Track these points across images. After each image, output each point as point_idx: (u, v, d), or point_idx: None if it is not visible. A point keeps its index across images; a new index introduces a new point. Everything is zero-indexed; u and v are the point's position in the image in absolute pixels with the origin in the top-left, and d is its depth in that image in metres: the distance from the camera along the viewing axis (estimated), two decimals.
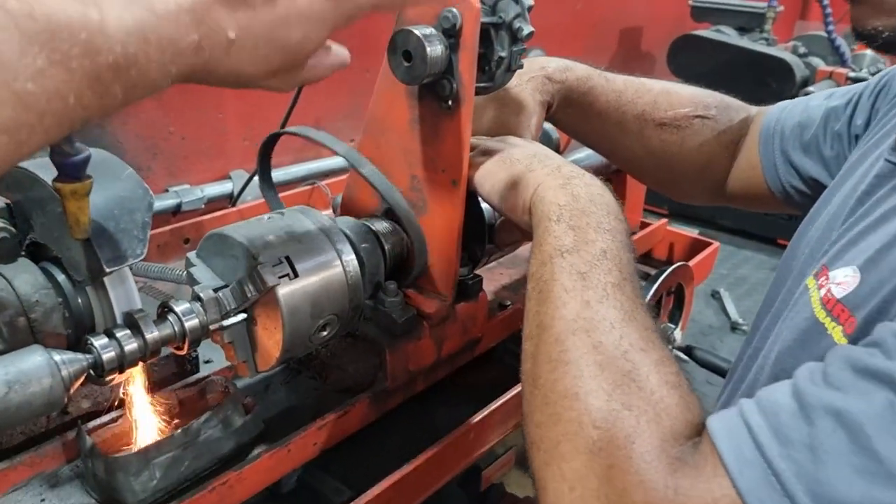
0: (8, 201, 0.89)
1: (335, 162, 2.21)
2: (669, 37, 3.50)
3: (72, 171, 0.75)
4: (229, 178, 1.98)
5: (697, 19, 3.57)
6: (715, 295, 2.76)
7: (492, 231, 1.15)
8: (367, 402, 1.03)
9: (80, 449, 0.91)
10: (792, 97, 3.21)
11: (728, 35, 3.31)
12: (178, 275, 1.36)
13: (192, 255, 0.93)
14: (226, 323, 0.88)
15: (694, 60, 3.26)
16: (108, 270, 0.81)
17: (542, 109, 1.18)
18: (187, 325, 0.84)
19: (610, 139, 1.27)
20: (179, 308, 0.84)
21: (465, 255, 1.14)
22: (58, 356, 0.75)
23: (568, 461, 0.61)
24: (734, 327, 2.57)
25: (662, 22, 3.76)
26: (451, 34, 0.95)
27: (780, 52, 3.13)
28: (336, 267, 0.93)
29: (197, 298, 0.86)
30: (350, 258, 0.95)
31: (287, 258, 0.89)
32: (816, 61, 3.27)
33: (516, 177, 0.93)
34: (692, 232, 1.90)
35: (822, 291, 0.73)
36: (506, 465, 1.27)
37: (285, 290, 0.87)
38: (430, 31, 0.95)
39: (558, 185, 0.86)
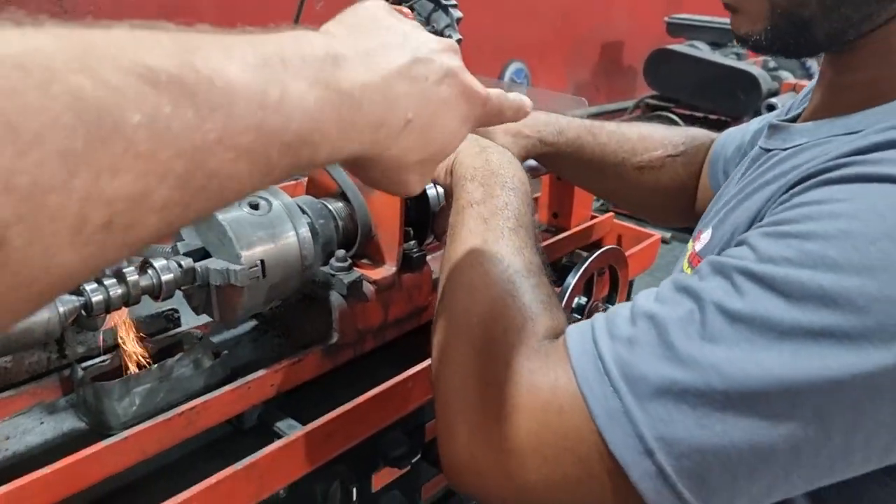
0: None
1: None
2: (649, 51, 3.68)
3: None
4: None
5: (673, 34, 3.75)
6: None
7: (435, 214, 1.33)
8: (320, 353, 1.21)
9: (73, 381, 1.09)
10: (759, 108, 3.35)
11: (700, 49, 3.49)
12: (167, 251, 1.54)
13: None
14: (199, 284, 1.06)
15: (669, 73, 3.44)
16: None
17: (519, 158, 1.35)
18: (163, 278, 1.03)
19: (595, 181, 1.48)
20: (158, 264, 1.03)
21: (410, 232, 1.32)
22: None
23: (455, 350, 0.80)
24: None
25: (642, 37, 3.95)
26: None
27: (748, 66, 3.30)
28: (292, 240, 1.11)
29: (173, 257, 1.05)
30: (304, 231, 1.13)
31: (262, 262, 1.06)
32: (785, 74, 3.44)
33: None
34: (646, 228, 2.07)
35: (690, 250, 0.92)
36: None
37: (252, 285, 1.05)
38: None
39: (475, 153, 1.05)
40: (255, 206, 1.10)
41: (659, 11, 3.98)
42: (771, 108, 3.26)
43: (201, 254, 1.09)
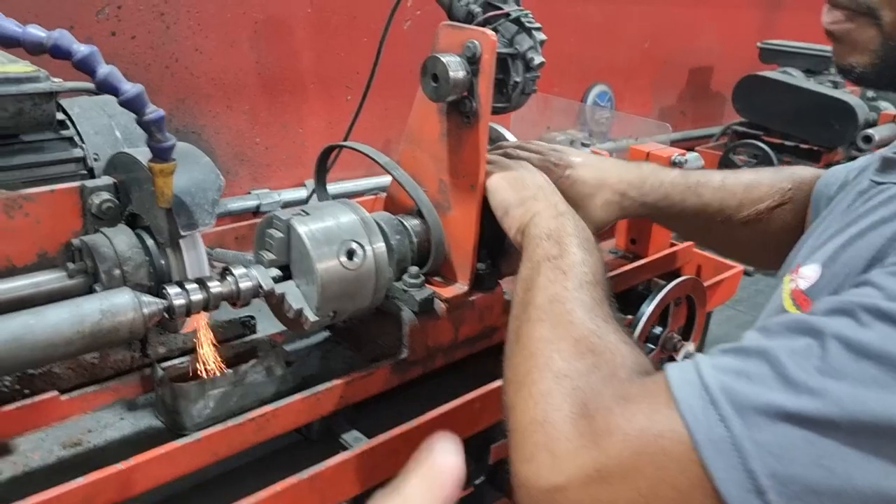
0: (114, 180, 1.13)
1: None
2: (738, 76, 3.59)
3: (162, 154, 0.98)
4: (304, 185, 2.22)
5: (765, 60, 3.65)
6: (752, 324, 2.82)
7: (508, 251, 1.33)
8: (389, 368, 1.22)
9: (153, 380, 1.13)
10: (854, 139, 3.22)
11: (794, 77, 3.38)
12: (248, 259, 1.59)
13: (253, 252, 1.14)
14: (275, 274, 1.09)
15: (760, 100, 3.34)
16: (183, 234, 1.03)
17: (601, 221, 1.33)
18: (242, 285, 1.06)
19: (699, 237, 1.47)
20: (237, 271, 1.06)
21: (484, 252, 1.32)
22: (141, 297, 0.97)
23: (536, 384, 0.77)
24: None
25: (731, 61, 3.85)
26: (473, 61, 1.14)
27: (845, 94, 3.18)
28: (369, 254, 1.13)
29: (250, 265, 1.08)
30: (379, 246, 1.14)
31: (334, 313, 1.09)
32: (884, 105, 3.30)
33: (521, 200, 1.13)
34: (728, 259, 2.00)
35: (792, 285, 0.88)
36: None
37: (300, 220, 1.08)
38: (454, 58, 1.14)
39: (551, 216, 1.06)
40: (350, 256, 1.11)
41: (749, 36, 3.88)
42: (868, 139, 3.12)
43: (286, 270, 1.12)
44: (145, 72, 1.87)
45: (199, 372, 1.16)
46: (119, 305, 0.95)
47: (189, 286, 1.02)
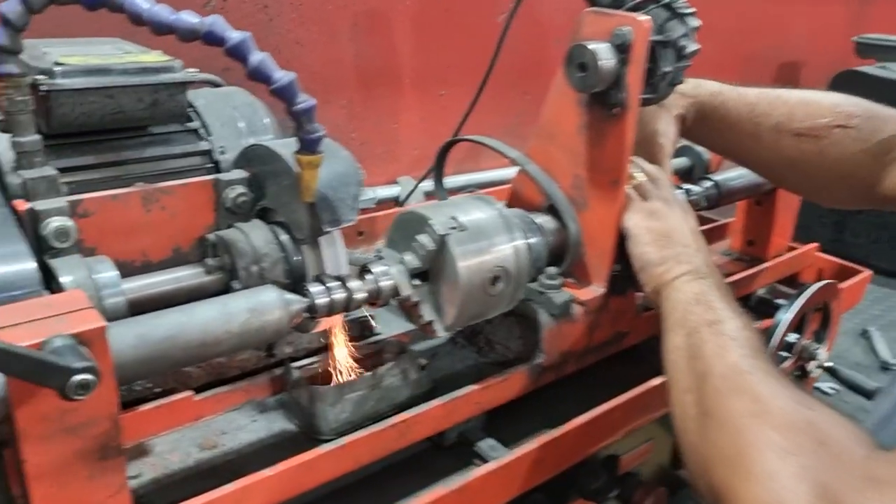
0: (247, 173, 1.09)
1: (492, 175, 2.37)
2: (830, 73, 3.43)
3: (310, 145, 0.94)
4: (397, 182, 2.17)
5: (863, 55, 3.48)
6: (864, 334, 2.68)
7: None
8: (525, 373, 1.16)
9: (286, 382, 1.09)
10: None
11: (895, 72, 3.21)
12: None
13: (380, 246, 1.08)
14: (415, 283, 1.03)
15: (858, 97, 3.18)
16: (326, 230, 0.99)
17: (677, 122, 1.29)
18: (382, 284, 1.01)
19: (745, 150, 1.34)
20: (377, 269, 1.01)
21: (618, 253, 1.25)
22: (285, 295, 0.93)
23: (756, 463, 0.70)
24: (885, 367, 2.49)
25: (823, 57, 3.69)
26: (623, 49, 1.07)
27: None
28: (509, 251, 1.07)
29: (387, 263, 1.03)
30: (522, 243, 1.08)
31: (454, 217, 1.03)
32: None
33: (663, 259, 1.07)
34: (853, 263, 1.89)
35: None
36: (644, 455, 1.35)
37: (455, 239, 1.01)
38: (603, 45, 1.07)
39: (694, 278, 1.01)
40: (495, 282, 1.06)
41: (841, 31, 3.72)
42: None
43: (425, 274, 1.06)
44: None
45: (331, 374, 1.12)
46: (265, 304, 0.91)
47: (331, 284, 0.97)
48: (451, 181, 2.33)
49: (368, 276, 1.01)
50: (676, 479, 1.49)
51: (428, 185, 2.21)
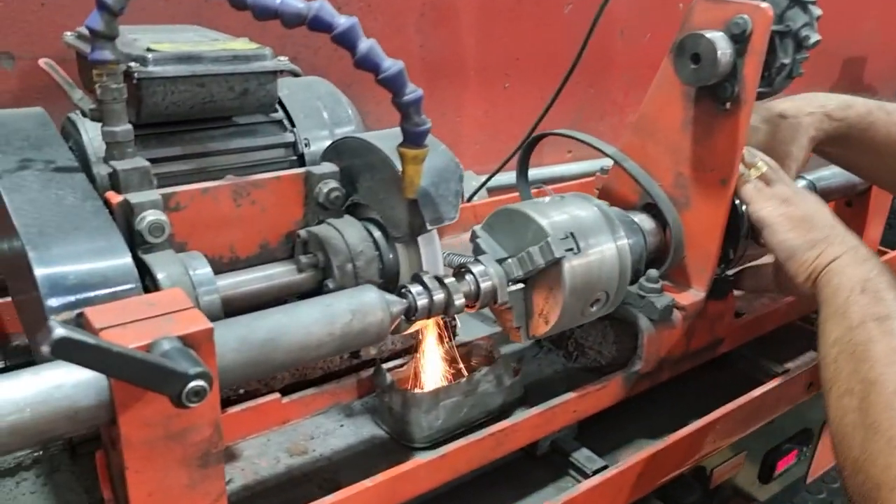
0: (338, 167, 1.04)
1: (553, 171, 2.31)
2: None
3: (416, 138, 0.89)
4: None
5: None
6: None
7: (747, 233, 1.18)
8: (621, 381, 1.10)
9: (377, 385, 1.04)
10: None
11: None
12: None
13: (478, 228, 1.03)
14: (512, 288, 0.98)
15: None
16: (429, 228, 0.94)
17: (811, 145, 1.21)
18: (482, 285, 0.95)
19: (892, 171, 1.27)
20: (476, 269, 0.96)
21: (720, 255, 1.18)
22: (387, 296, 0.88)
23: None
24: None
25: (892, 51, 3.56)
26: (740, 39, 1.01)
27: None
28: (612, 249, 1.01)
29: (484, 263, 0.97)
30: (623, 242, 1.02)
31: (572, 234, 0.97)
32: None
33: (811, 243, 0.99)
34: None
35: None
36: (737, 467, 1.28)
37: (569, 264, 0.95)
38: (719, 35, 1.01)
39: (855, 262, 0.92)
40: (593, 304, 1.01)
41: None
42: None
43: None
44: (314, 56, 1.80)
45: (418, 377, 1.07)
46: (368, 305, 0.86)
47: (431, 285, 0.92)
48: (508, 177, 2.27)
49: (468, 277, 0.95)
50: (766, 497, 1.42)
51: (492, 182, 2.16)
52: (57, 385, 0.68)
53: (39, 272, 0.78)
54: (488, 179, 1.86)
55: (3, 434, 0.66)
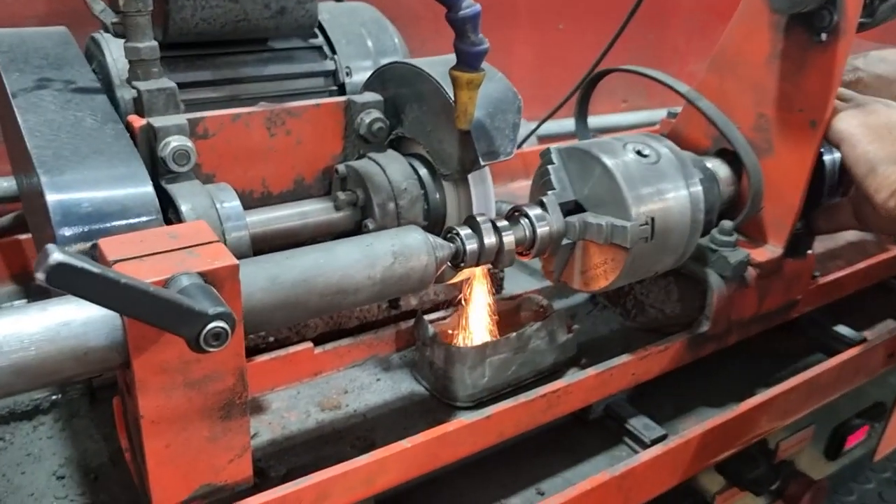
0: (382, 97, 0.94)
1: (607, 120, 2.18)
2: None
3: (472, 60, 0.78)
4: None
5: None
6: None
7: (833, 185, 1.06)
8: (685, 343, 1.00)
9: (417, 337, 0.96)
10: None
11: None
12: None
13: (554, 151, 0.90)
14: (565, 241, 0.88)
15: None
16: (482, 163, 0.84)
17: None
18: (539, 230, 0.85)
19: None
20: (532, 213, 0.85)
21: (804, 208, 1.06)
22: (432, 239, 0.79)
23: None
24: None
25: None
26: None
27: None
28: (683, 197, 0.90)
29: (545, 208, 0.87)
30: (697, 189, 0.91)
31: (651, 220, 0.85)
32: None
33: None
34: None
35: None
36: (803, 441, 1.18)
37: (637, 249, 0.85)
38: None
39: None
40: (642, 154, 0.89)
41: None
42: None
43: (569, 208, 0.90)
44: None
45: (463, 332, 0.98)
46: (412, 248, 0.77)
47: (483, 228, 0.82)
48: (558, 125, 2.15)
49: (523, 222, 0.85)
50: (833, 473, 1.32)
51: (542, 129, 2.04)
52: (65, 322, 0.61)
53: (51, 198, 0.71)
54: (540, 125, 1.74)
55: (6, 373, 0.59)
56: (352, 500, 0.76)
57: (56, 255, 0.46)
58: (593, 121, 2.17)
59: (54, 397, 0.95)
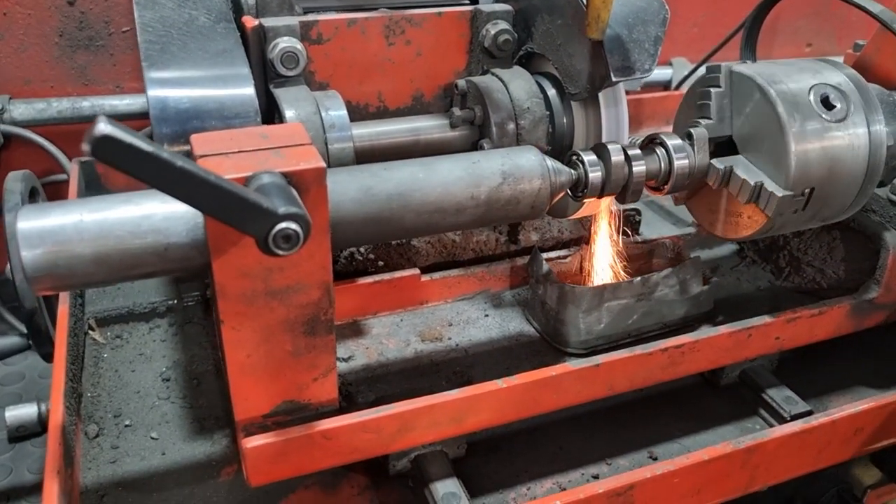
0: (513, 8, 0.86)
1: None
2: None
3: None
4: (670, 64, 1.84)
5: None
6: None
7: None
8: (847, 309, 0.85)
9: (531, 273, 0.88)
10: None
11: None
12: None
13: (724, 70, 0.77)
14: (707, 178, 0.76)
15: None
16: (614, 80, 0.73)
17: None
18: (676, 163, 0.74)
19: None
20: (671, 142, 0.74)
21: None
22: (550, 162, 0.70)
23: None
24: None
25: None
26: None
27: None
28: (862, 137, 0.75)
29: (691, 138, 0.75)
30: (880, 129, 0.76)
31: (810, 192, 0.72)
32: None
33: None
34: None
35: None
36: None
37: (778, 199, 0.71)
38: None
39: None
40: (827, 104, 0.74)
41: None
42: None
43: (726, 146, 0.78)
44: None
45: (588, 274, 0.89)
46: (524, 169, 0.68)
47: (610, 154, 0.72)
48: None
49: (660, 152, 0.74)
50: None
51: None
52: (145, 215, 0.59)
53: (152, 93, 0.69)
54: (704, 61, 1.57)
55: (87, 261, 0.58)
56: (438, 436, 0.71)
57: (103, 126, 0.42)
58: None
59: (171, 303, 0.96)
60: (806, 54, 2.03)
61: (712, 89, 0.77)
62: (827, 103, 0.74)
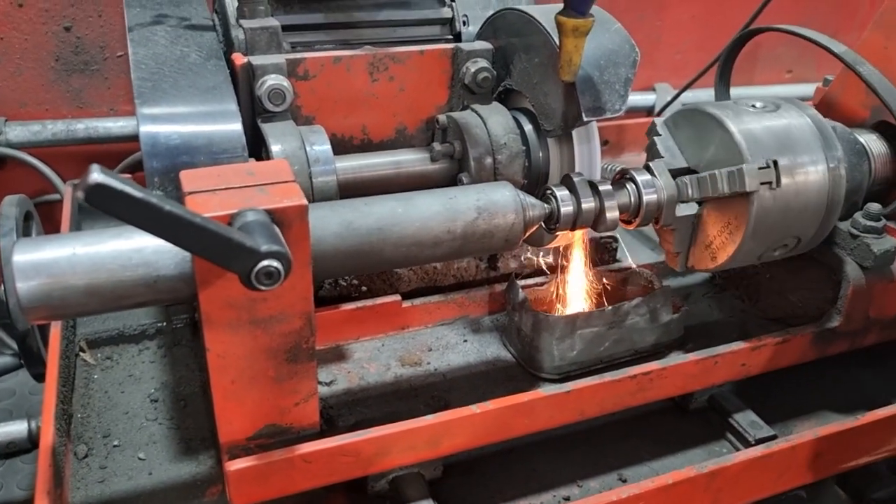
0: (492, 46, 0.90)
1: (768, 91, 2.00)
2: None
3: (579, 5, 0.71)
4: (653, 89, 1.88)
5: None
6: None
7: None
8: (810, 337, 0.89)
9: (507, 300, 0.91)
10: None
11: None
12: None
13: (659, 121, 0.84)
14: (680, 212, 0.79)
15: None
16: (585, 119, 0.77)
17: None
18: (645, 197, 0.78)
19: None
20: (641, 178, 0.78)
21: None
22: (523, 197, 0.73)
23: None
24: None
25: None
26: None
27: None
28: (821, 173, 0.79)
29: (653, 173, 0.79)
30: (839, 165, 0.80)
31: (774, 163, 0.75)
32: None
33: None
34: None
35: None
36: None
37: (760, 203, 0.75)
38: None
39: None
40: (777, 249, 0.79)
41: None
42: None
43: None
44: None
45: (562, 301, 0.92)
46: (499, 204, 0.72)
47: (580, 189, 0.76)
48: (707, 94, 1.99)
49: (629, 187, 0.78)
50: None
51: (687, 96, 1.90)
52: (136, 249, 0.62)
53: (143, 129, 0.72)
54: (684, 89, 1.61)
55: (80, 293, 0.61)
56: (415, 459, 0.74)
57: (96, 175, 0.46)
58: (751, 91, 2.01)
59: (160, 325, 0.99)
60: (786, 80, 2.07)
61: (655, 138, 0.81)
62: (785, 138, 0.78)
